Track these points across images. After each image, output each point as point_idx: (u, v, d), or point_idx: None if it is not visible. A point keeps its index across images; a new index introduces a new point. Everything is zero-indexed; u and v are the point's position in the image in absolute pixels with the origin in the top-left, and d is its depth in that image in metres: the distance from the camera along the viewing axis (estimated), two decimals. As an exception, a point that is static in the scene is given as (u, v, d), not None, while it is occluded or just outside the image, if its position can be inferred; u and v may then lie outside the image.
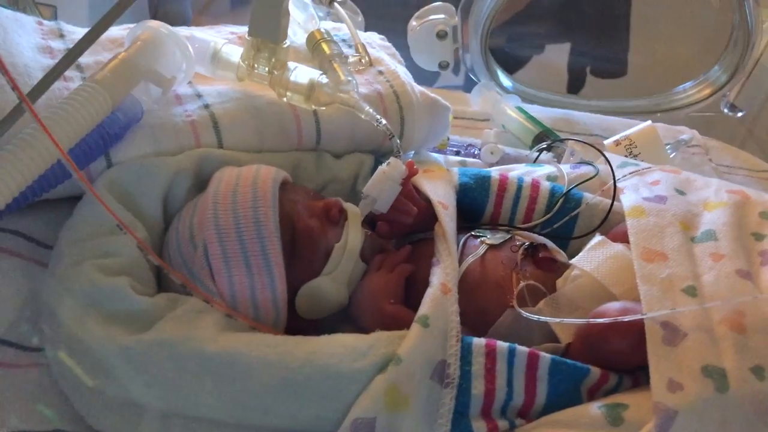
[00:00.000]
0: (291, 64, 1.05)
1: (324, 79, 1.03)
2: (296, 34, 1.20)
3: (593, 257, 0.97)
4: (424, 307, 0.86)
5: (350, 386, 0.81)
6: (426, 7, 1.87)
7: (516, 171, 1.20)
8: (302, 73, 1.04)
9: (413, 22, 1.86)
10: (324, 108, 1.06)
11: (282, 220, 0.92)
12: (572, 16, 2.31)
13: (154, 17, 2.39)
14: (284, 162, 1.07)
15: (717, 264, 0.90)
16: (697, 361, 0.80)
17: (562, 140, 1.37)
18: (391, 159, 0.97)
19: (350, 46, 1.27)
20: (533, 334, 0.93)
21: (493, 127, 1.62)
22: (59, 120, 0.84)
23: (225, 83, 1.10)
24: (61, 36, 1.21)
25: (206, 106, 1.05)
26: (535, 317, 0.89)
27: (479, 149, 1.38)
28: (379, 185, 0.96)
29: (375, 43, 1.32)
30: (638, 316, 0.83)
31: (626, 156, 1.35)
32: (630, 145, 1.36)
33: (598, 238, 1.01)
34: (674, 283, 0.88)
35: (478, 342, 0.86)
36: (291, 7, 1.20)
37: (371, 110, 1.02)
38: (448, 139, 1.40)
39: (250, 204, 0.90)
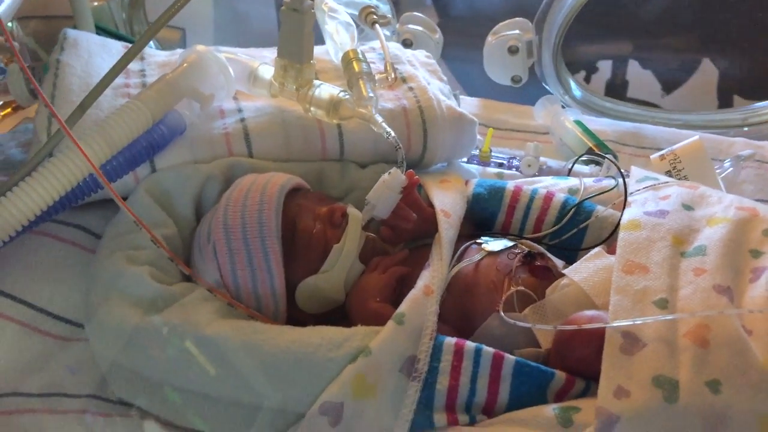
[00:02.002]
0: (316, 82, 1.15)
1: (344, 96, 1.13)
2: (337, 54, 1.30)
3: (585, 268, 1.00)
4: (403, 306, 0.94)
5: (323, 373, 0.89)
6: (503, 23, 1.91)
7: (539, 183, 1.23)
8: (325, 90, 1.14)
9: (489, 38, 1.91)
10: (346, 122, 1.16)
11: (285, 222, 1.02)
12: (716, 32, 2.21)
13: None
14: (308, 170, 1.17)
15: (697, 279, 0.90)
16: (650, 371, 0.81)
17: (592, 155, 1.38)
18: (393, 169, 1.05)
19: (400, 63, 1.36)
20: (518, 339, 0.97)
21: (552, 140, 1.64)
22: (98, 133, 1.00)
23: (265, 100, 1.23)
24: (142, 58, 1.39)
25: (242, 120, 1.18)
26: (512, 321, 0.93)
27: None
28: (379, 193, 1.04)
29: (417, 60, 1.40)
30: (601, 325, 0.86)
31: (670, 170, 1.34)
32: (674, 159, 1.34)
33: (595, 249, 1.04)
34: (647, 295, 0.89)
35: (449, 341, 0.91)
36: (337, 28, 1.32)
37: (384, 123, 1.10)
38: (491, 151, 1.44)
39: (257, 207, 1.02)
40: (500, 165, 1.45)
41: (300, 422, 0.89)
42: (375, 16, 1.37)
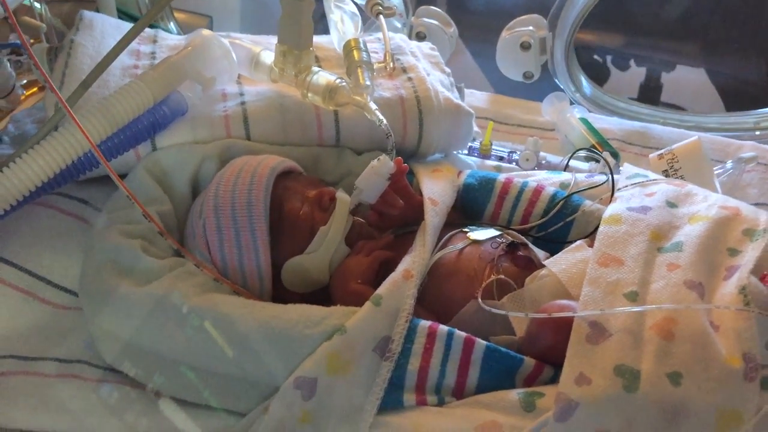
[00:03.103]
0: (315, 69, 1.18)
1: (340, 82, 1.16)
2: (341, 43, 1.33)
3: (565, 260, 1.02)
4: (382, 289, 0.96)
5: (299, 349, 0.92)
6: (518, 18, 1.93)
7: (532, 177, 1.24)
8: (322, 77, 1.17)
9: (504, 33, 1.93)
10: (342, 108, 1.19)
11: (273, 203, 1.06)
12: None
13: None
14: (304, 155, 1.21)
15: (670, 273, 0.91)
16: (612, 360, 0.83)
17: (589, 152, 1.39)
18: (382, 156, 1.07)
19: (403, 54, 1.38)
20: (495, 326, 0.99)
21: (558, 137, 1.65)
22: (99, 111, 1.04)
23: (267, 85, 1.26)
24: (154, 41, 1.43)
25: (242, 103, 1.21)
26: (489, 308, 0.95)
27: (522, 155, 1.43)
28: (367, 178, 1.06)
29: (421, 52, 1.42)
30: (569, 314, 0.88)
31: (667, 170, 1.34)
32: (672, 159, 1.34)
33: (578, 242, 1.05)
34: (619, 288, 0.91)
35: (424, 324, 0.94)
36: (342, 18, 1.35)
37: (377, 111, 1.13)
38: (491, 144, 1.46)
39: (247, 187, 1.05)
40: (500, 158, 1.47)
41: (275, 395, 0.92)
42: (380, 7, 1.40)
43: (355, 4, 1.40)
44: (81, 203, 1.19)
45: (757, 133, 1.82)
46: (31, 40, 1.86)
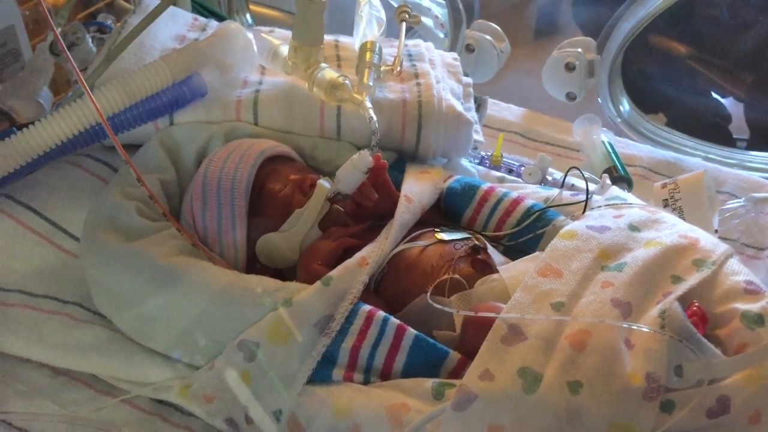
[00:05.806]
0: (323, 65, 1.27)
1: (343, 80, 1.24)
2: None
3: (516, 267, 1.06)
4: (334, 271, 1.04)
5: (248, 316, 1.01)
6: (570, 40, 1.94)
7: (521, 189, 1.28)
8: (328, 73, 1.25)
9: (554, 52, 1.95)
10: (346, 105, 1.27)
11: (257, 182, 1.15)
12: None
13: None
14: (303, 143, 1.30)
15: (601, 291, 0.94)
16: (519, 362, 0.87)
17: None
18: (362, 151, 1.15)
19: (421, 60, 1.45)
20: (441, 322, 1.04)
21: (582, 158, 1.67)
22: (120, 84, 1.17)
23: (284, 76, 1.36)
24: (203, 29, 1.56)
25: (257, 91, 1.32)
26: (433, 304, 1.00)
27: (529, 170, 1.47)
28: (345, 170, 1.14)
29: (441, 60, 1.48)
30: (492, 314, 0.92)
31: (668, 199, 1.34)
32: (674, 189, 1.34)
33: (535, 253, 1.08)
34: (549, 297, 0.94)
35: (365, 308, 1.00)
36: (368, 21, 1.43)
37: (370, 110, 1.20)
38: (502, 155, 1.50)
39: (234, 165, 1.15)
40: (510, 171, 1.50)
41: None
42: (407, 15, 1.47)
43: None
44: (105, 166, 1.32)
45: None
46: (116, 22, 2.04)
